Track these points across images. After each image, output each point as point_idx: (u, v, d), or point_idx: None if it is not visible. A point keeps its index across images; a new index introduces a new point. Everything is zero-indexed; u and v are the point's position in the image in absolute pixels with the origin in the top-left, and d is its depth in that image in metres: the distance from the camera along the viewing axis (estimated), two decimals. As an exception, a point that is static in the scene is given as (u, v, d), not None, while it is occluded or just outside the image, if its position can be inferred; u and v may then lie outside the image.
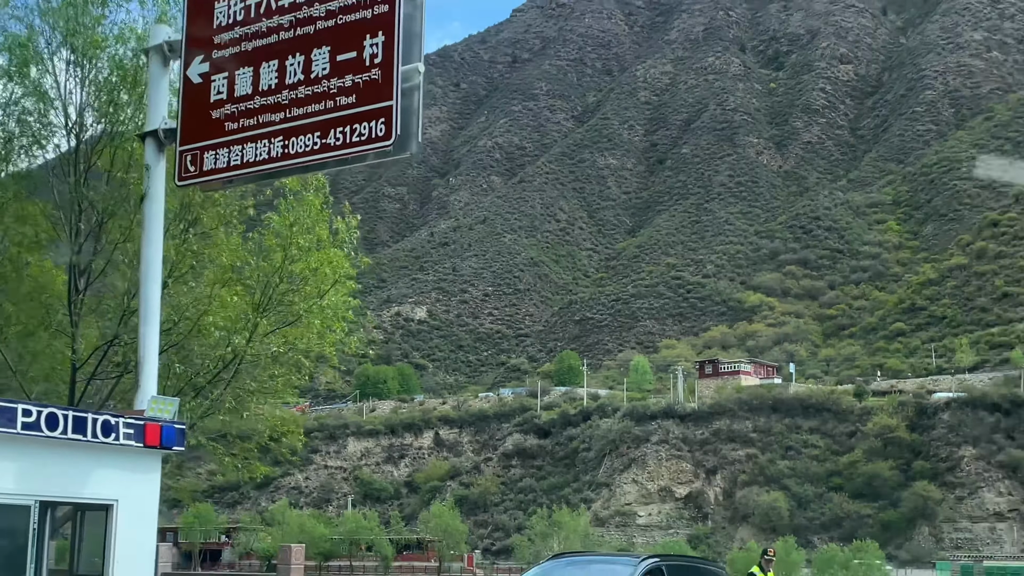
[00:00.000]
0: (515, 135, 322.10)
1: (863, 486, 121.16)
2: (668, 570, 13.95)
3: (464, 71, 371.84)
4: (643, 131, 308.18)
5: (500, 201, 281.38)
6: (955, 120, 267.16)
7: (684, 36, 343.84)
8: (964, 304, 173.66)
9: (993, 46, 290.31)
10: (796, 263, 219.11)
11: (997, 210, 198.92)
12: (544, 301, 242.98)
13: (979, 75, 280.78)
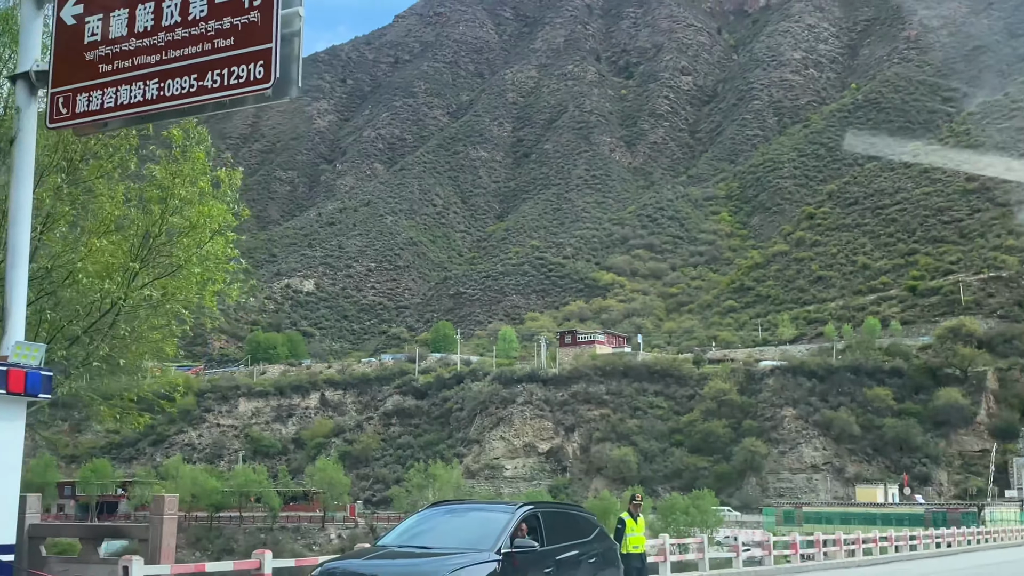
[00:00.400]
0: (396, 128, 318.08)
1: (700, 442, 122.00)
2: (543, 516, 13.01)
3: (350, 69, 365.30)
4: (511, 128, 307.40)
5: (382, 186, 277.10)
6: (778, 127, 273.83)
7: (547, 45, 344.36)
8: (785, 285, 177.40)
9: (810, 64, 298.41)
10: (643, 247, 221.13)
11: (813, 204, 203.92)
12: (422, 277, 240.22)
13: (798, 88, 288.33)
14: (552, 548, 12.85)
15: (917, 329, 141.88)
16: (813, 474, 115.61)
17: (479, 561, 11.60)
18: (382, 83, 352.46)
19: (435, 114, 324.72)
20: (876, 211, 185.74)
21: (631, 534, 16.66)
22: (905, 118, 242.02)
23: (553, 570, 12.66)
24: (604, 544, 14.25)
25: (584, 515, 14.72)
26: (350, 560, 12.67)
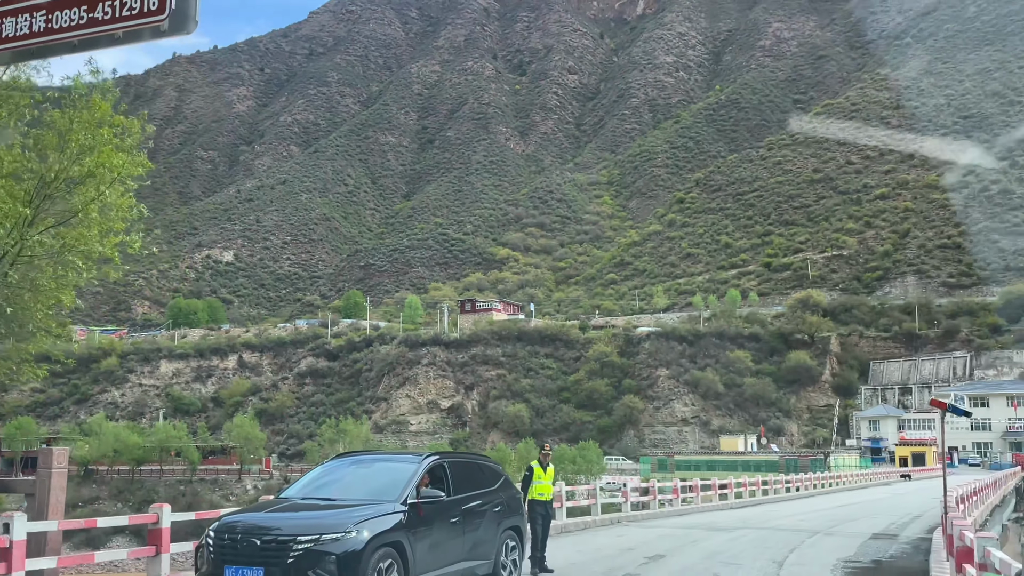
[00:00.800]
0: (311, 114, 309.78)
1: (586, 399, 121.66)
2: (449, 466, 11.84)
3: (268, 59, 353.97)
4: (416, 116, 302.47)
5: (297, 167, 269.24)
6: (652, 122, 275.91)
7: (449, 44, 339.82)
8: (659, 261, 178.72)
9: (680, 67, 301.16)
10: (535, 226, 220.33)
11: (683, 190, 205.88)
12: (334, 249, 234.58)
13: (670, 89, 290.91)
14: (458, 498, 11.59)
15: (772, 300, 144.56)
16: (683, 427, 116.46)
17: (384, 512, 10.20)
18: (298, 73, 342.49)
19: (347, 102, 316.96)
20: (737, 197, 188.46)
21: (538, 482, 15.13)
22: (761, 116, 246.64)
23: (459, 519, 11.41)
24: (508, 493, 12.91)
25: (489, 465, 13.27)
26: (250, 514, 10.69)
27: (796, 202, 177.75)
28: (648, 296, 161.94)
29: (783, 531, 21.64)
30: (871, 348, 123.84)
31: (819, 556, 16.77)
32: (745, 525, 23.37)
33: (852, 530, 22.23)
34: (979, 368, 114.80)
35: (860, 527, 23.13)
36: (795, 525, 23.59)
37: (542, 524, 14.89)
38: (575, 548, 17.67)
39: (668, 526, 23.03)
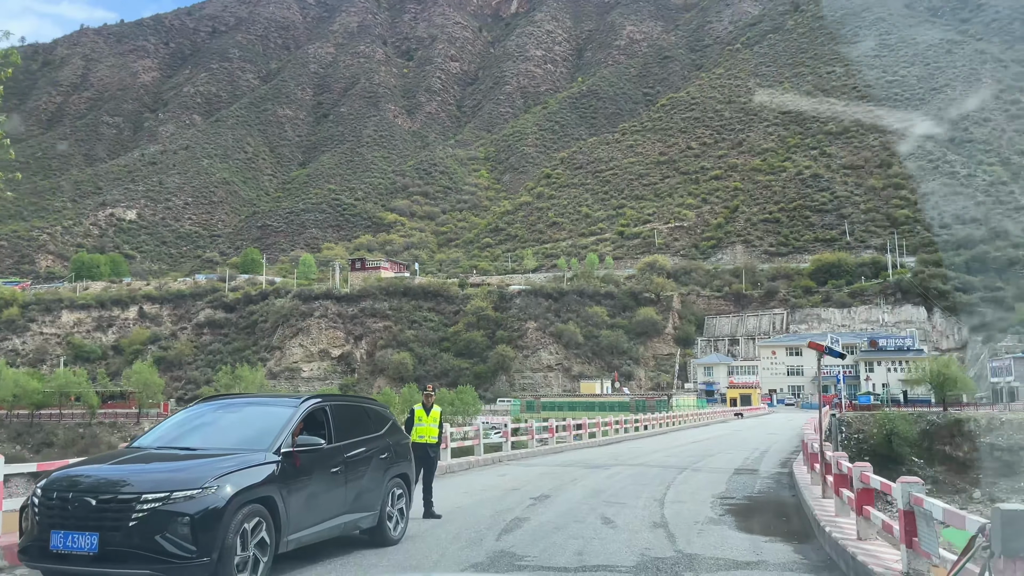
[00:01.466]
0: (213, 86, 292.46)
1: (464, 348, 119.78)
2: (331, 411, 9.27)
3: (173, 34, 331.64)
4: (312, 93, 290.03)
5: (200, 134, 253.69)
6: (524, 107, 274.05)
7: (343, 29, 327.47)
8: (529, 228, 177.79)
9: (548, 60, 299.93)
10: (420, 194, 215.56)
11: (549, 167, 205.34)
12: (234, 211, 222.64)
13: (539, 79, 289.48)
14: (341, 445, 9.10)
15: (624, 264, 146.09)
16: (548, 372, 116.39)
17: (253, 464, 7.66)
18: (201, 48, 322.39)
19: (247, 77, 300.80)
20: (595, 174, 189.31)
21: (419, 424, 13.05)
22: (616, 106, 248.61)
23: (342, 468, 8.96)
24: (396, 438, 10.50)
25: (376, 408, 10.61)
26: (90, 466, 7.72)
27: (645, 180, 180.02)
28: (519, 258, 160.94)
29: (654, 467, 20.18)
30: (706, 305, 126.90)
31: (694, 493, 15.24)
32: (617, 462, 21.85)
33: (715, 465, 21.03)
34: (794, 323, 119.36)
35: (720, 462, 22.01)
36: (662, 461, 22.23)
37: (426, 468, 12.68)
38: (461, 490, 15.51)
39: (547, 464, 21.23)
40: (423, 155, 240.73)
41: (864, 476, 8.76)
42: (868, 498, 8.88)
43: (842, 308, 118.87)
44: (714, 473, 18.84)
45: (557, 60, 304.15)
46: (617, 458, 23.19)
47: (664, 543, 10.07)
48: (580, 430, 31.72)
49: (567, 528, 11.03)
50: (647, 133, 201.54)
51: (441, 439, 13.68)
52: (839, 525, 10.02)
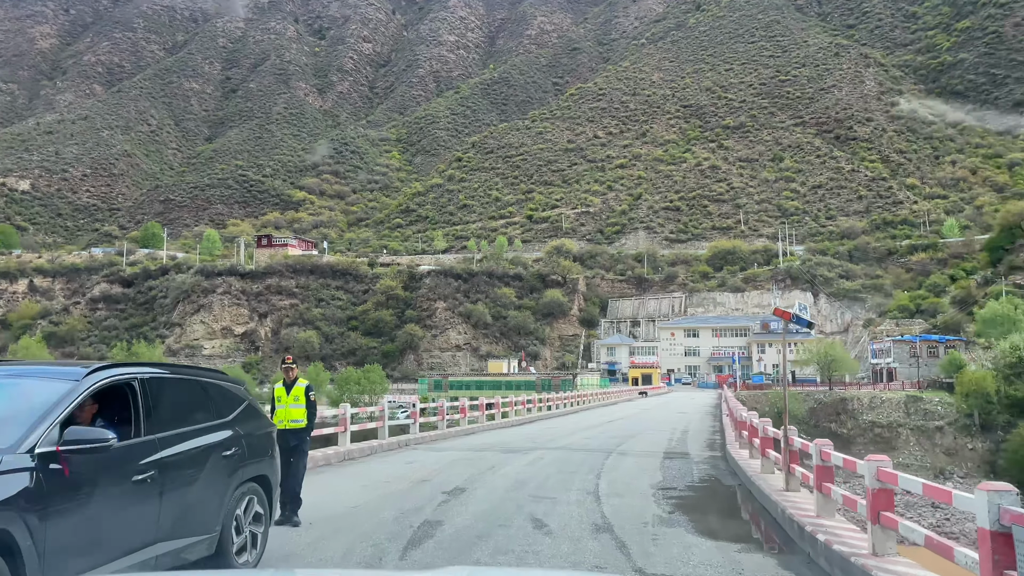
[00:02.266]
0: (116, 56, 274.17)
1: (372, 327, 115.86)
2: (145, 387, 5.58)
3: (74, 0, 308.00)
4: (221, 67, 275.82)
5: (101, 105, 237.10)
6: (436, 91, 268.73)
7: (254, 3, 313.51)
8: (440, 210, 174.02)
9: (460, 47, 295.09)
10: (331, 173, 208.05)
11: (461, 151, 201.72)
12: (135, 184, 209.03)
13: (451, 64, 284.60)
14: (153, 439, 5.55)
15: (532, 246, 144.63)
16: (457, 352, 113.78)
17: None
18: (103, 16, 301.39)
19: (152, 48, 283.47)
20: (506, 159, 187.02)
21: (278, 406, 9.76)
22: (527, 94, 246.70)
23: (154, 475, 5.42)
24: (251, 426, 7.00)
25: (222, 384, 6.93)
26: None
27: (554, 167, 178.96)
28: (429, 239, 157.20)
29: (577, 451, 17.82)
30: (610, 288, 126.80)
31: (630, 482, 12.91)
32: (535, 445, 19.43)
33: (641, 448, 18.86)
34: (691, 306, 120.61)
35: (645, 445, 19.89)
36: (584, 444, 19.92)
37: (292, 461, 9.52)
38: (360, 482, 12.67)
39: (459, 448, 18.60)
40: (334, 134, 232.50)
41: (886, 473, 6.48)
42: (888, 501, 6.62)
43: (736, 292, 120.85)
44: (643, 458, 16.63)
45: (470, 46, 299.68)
46: (534, 441, 20.78)
47: (617, 556, 7.62)
48: (492, 409, 29.26)
49: (492, 536, 8.44)
50: (556, 121, 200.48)
51: (311, 424, 10.11)
52: (832, 530, 7.78)
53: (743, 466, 13.57)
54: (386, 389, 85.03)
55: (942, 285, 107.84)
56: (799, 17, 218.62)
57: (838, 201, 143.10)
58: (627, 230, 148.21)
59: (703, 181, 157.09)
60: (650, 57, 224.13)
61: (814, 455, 8.58)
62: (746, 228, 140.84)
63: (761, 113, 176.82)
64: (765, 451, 12.20)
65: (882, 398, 74.25)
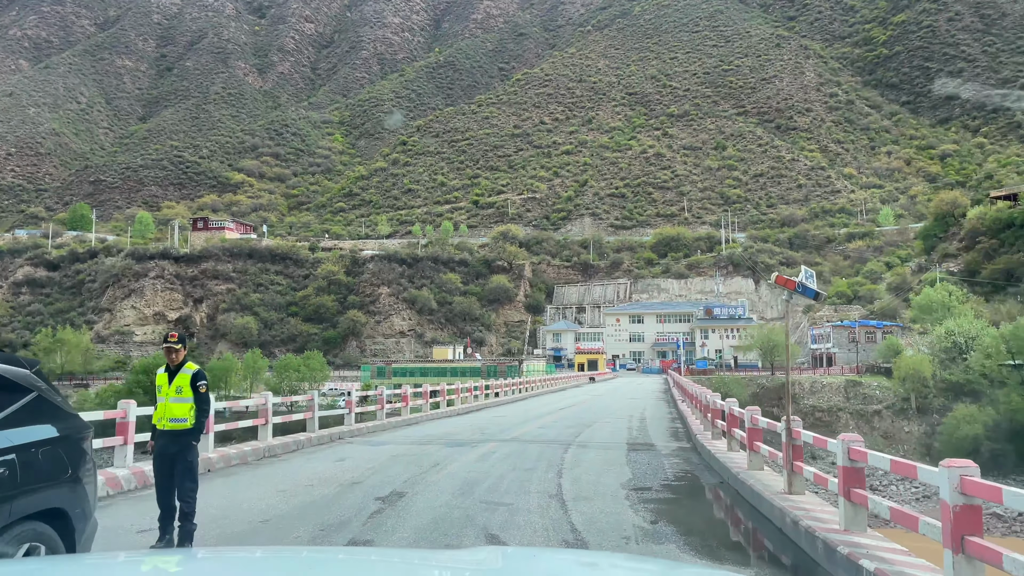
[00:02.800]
0: (43, 30, 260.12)
1: (313, 313, 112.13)
2: None
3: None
4: (155, 44, 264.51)
5: (27, 81, 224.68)
6: (380, 73, 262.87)
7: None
8: (384, 194, 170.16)
9: (405, 29, 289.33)
10: (271, 155, 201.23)
11: (406, 134, 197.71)
12: (64, 164, 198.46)
13: (396, 46, 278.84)
14: None
15: (479, 232, 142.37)
16: (401, 338, 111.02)
17: None
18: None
19: (82, 23, 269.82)
20: (451, 143, 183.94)
21: (159, 399, 7.40)
22: (472, 79, 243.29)
23: None
24: (35, 433, 4.44)
25: None
26: None
27: (500, 152, 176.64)
28: (373, 224, 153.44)
29: (532, 444, 15.90)
30: (556, 274, 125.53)
31: (596, 482, 11.06)
32: (485, 436, 17.47)
33: (600, 439, 17.07)
34: (636, 292, 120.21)
35: (604, 435, 18.10)
36: (538, 435, 18.01)
37: (165, 473, 7.17)
38: (276, 486, 10.49)
39: (400, 441, 16.52)
40: (274, 115, 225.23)
41: (977, 485, 4.75)
42: (975, 521, 4.89)
43: (680, 279, 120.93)
44: (606, 450, 14.83)
45: (415, 29, 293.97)
46: (483, 431, 18.81)
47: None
48: (437, 397, 27.22)
49: (436, 564, 6.44)
50: (502, 106, 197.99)
51: (200, 424, 7.49)
52: (876, 552, 6.00)
53: (722, 460, 11.86)
54: (327, 376, 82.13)
55: (878, 272, 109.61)
56: (742, 8, 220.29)
57: (779, 189, 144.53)
58: (573, 216, 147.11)
59: (648, 168, 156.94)
60: (596, 44, 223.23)
61: (839, 453, 7.05)
62: (690, 215, 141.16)
63: (705, 102, 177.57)
64: (753, 444, 10.47)
65: (823, 383, 74.68)
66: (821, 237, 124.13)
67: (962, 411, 61.61)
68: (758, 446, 10.34)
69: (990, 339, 67.12)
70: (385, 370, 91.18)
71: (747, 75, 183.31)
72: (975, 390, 66.13)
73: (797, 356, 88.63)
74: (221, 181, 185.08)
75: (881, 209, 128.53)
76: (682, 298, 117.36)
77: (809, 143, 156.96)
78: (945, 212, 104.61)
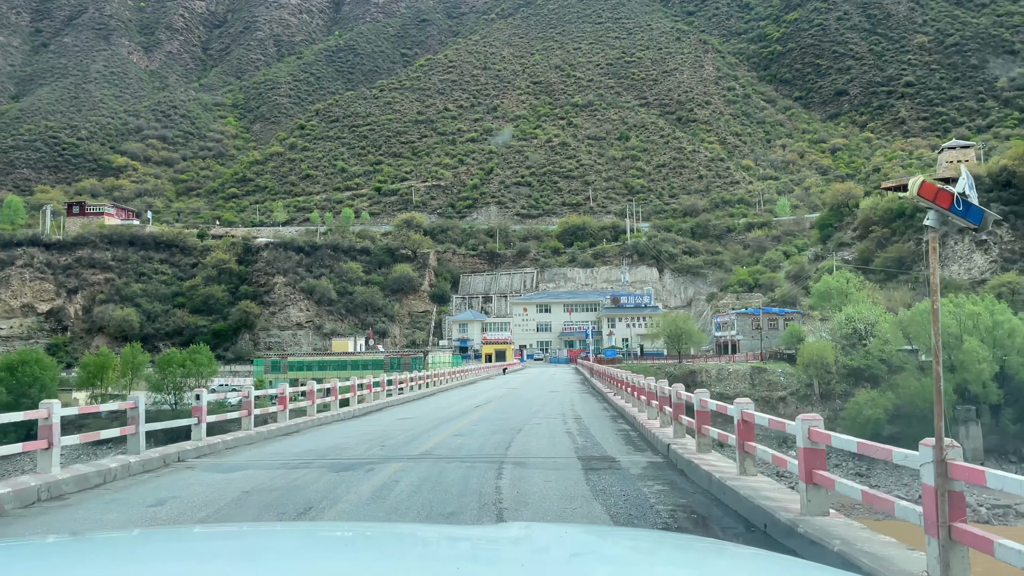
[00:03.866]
0: None
1: (201, 304, 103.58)
2: None
3: None
4: (30, 18, 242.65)
5: None
6: (277, 55, 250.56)
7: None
8: (280, 180, 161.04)
9: (304, 11, 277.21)
10: (157, 138, 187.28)
11: (304, 119, 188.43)
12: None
13: (294, 28, 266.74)
14: None
15: (381, 220, 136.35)
16: (298, 330, 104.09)
17: None
18: None
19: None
20: (352, 128, 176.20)
21: None
22: (374, 63, 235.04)
23: None
24: None
25: None
26: None
27: (403, 138, 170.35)
28: (268, 211, 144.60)
29: (451, 464, 11.41)
30: (462, 263, 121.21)
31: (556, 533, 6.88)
32: (385, 451, 12.95)
33: (540, 451, 12.87)
34: (543, 282, 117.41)
35: (542, 445, 13.86)
36: (457, 447, 13.49)
37: None
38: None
39: (265, 462, 11.85)
40: (162, 96, 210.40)
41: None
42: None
43: (586, 268, 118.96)
44: (555, 471, 10.59)
45: (313, 11, 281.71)
46: (384, 443, 14.24)
47: None
48: (329, 396, 22.49)
49: None
50: (405, 92, 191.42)
51: None
52: None
53: (736, 487, 7.92)
54: (215, 372, 74.94)
55: (777, 261, 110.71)
56: (643, 1, 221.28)
57: (680, 180, 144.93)
58: (479, 204, 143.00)
59: (553, 157, 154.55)
60: (500, 32, 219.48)
61: None
62: (595, 204, 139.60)
63: (608, 92, 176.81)
64: (813, 473, 6.52)
65: (729, 370, 73.60)
66: (722, 227, 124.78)
67: (864, 396, 61.47)
68: (817, 474, 6.43)
69: (887, 325, 67.56)
70: (280, 364, 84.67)
71: (649, 67, 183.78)
72: (875, 375, 66.36)
73: (704, 343, 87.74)
74: (102, 165, 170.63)
75: (778, 200, 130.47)
76: (589, 287, 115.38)
77: (709, 135, 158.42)
78: (840, 202, 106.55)
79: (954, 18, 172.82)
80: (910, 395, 60.02)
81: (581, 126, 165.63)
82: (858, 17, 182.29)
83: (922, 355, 65.87)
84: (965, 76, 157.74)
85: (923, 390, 60.20)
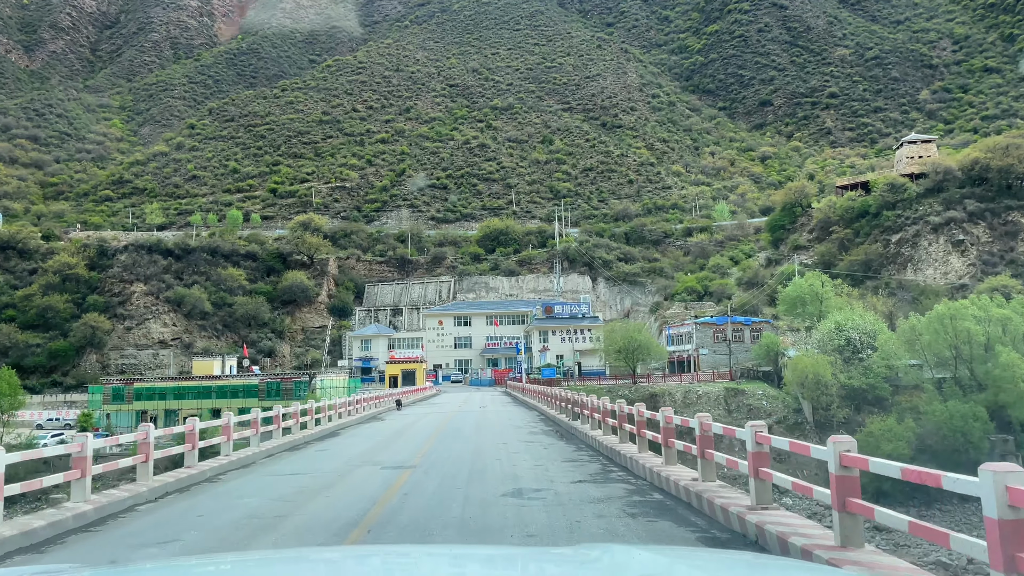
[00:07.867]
0: None
1: (36, 318, 79.15)
2: None
3: None
4: None
5: None
6: (173, 57, 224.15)
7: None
8: (162, 181, 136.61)
9: (204, 13, 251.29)
10: (27, 138, 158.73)
11: (196, 118, 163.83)
12: None
13: (193, 31, 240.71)
14: None
15: (275, 224, 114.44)
16: (161, 349, 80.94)
17: None
18: None
19: None
20: (248, 128, 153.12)
21: None
22: (279, 68, 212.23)
23: None
24: None
25: None
26: None
27: (305, 138, 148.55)
28: (144, 213, 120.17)
29: None
30: (367, 271, 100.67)
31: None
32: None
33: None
34: (462, 291, 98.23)
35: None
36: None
37: None
38: None
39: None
40: (35, 95, 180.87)
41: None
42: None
43: (511, 276, 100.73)
44: None
45: (215, 15, 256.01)
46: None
47: None
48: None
49: None
50: (309, 92, 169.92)
51: None
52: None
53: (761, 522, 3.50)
54: (21, 404, 52.33)
55: (725, 266, 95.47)
56: (561, 12, 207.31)
57: (610, 184, 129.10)
58: (389, 207, 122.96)
59: (472, 159, 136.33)
60: (414, 36, 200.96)
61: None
62: (519, 208, 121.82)
63: (529, 96, 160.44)
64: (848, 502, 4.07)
65: (698, 392, 56.16)
66: (658, 232, 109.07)
67: (877, 425, 44.90)
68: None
69: (889, 335, 52.06)
70: (124, 391, 62.26)
71: (571, 73, 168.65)
72: (879, 396, 50.33)
73: (665, 357, 70.09)
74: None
75: (716, 205, 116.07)
76: (514, 297, 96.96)
77: (636, 140, 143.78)
78: (792, 202, 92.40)
79: (872, 33, 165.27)
80: (936, 423, 44.12)
81: (501, 129, 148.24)
82: (779, 30, 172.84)
83: (928, 370, 50.62)
84: (888, 88, 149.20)
85: (951, 417, 44.24)
